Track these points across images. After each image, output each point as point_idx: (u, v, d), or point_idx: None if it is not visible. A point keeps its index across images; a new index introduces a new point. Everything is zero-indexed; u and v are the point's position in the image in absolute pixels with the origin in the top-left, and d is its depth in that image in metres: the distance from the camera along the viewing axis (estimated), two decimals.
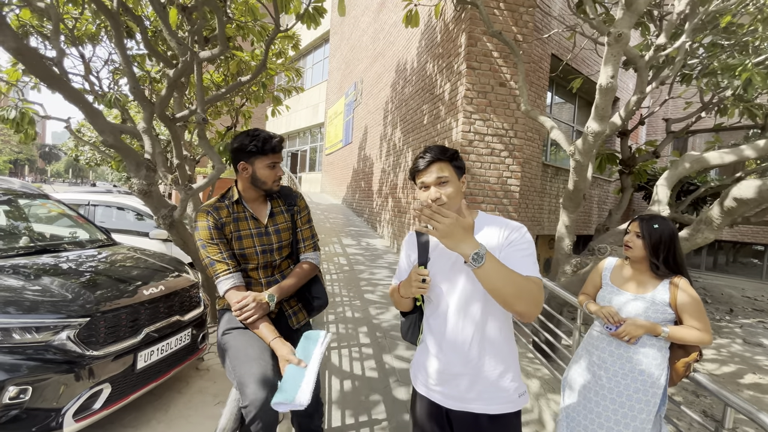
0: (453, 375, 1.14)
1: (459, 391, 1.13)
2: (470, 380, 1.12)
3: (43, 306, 2.05)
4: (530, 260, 1.08)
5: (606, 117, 2.78)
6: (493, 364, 1.12)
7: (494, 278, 0.97)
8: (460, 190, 1.15)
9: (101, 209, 5.05)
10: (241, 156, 1.48)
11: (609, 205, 9.58)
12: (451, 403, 1.14)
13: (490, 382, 1.12)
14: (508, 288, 0.98)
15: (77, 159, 16.86)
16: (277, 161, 1.49)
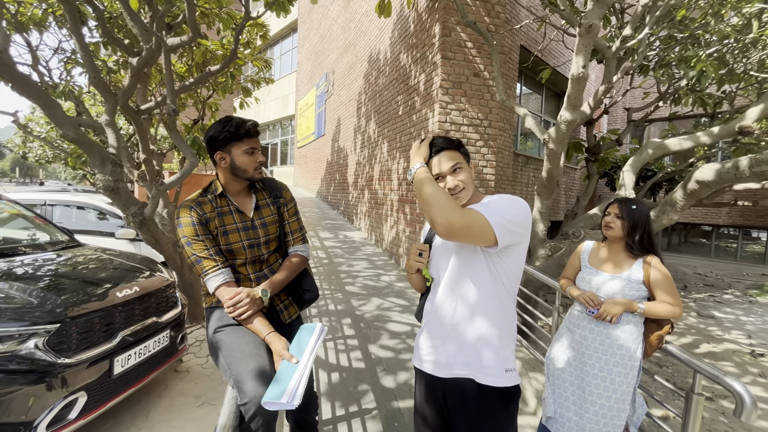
0: (441, 341, 1.20)
1: (447, 356, 1.18)
2: (457, 346, 1.17)
3: (5, 314, 1.90)
4: (499, 215, 1.06)
5: (578, 106, 2.89)
6: (476, 332, 1.15)
7: (426, 189, 1.07)
8: (471, 174, 1.20)
9: (59, 209, 4.72)
10: (216, 146, 1.42)
11: (575, 191, 10.02)
12: (440, 370, 1.19)
13: (474, 350, 1.15)
14: (431, 197, 1.05)
15: (25, 156, 15.60)
16: (254, 146, 1.43)
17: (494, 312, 1.16)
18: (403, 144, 5.50)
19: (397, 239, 5.59)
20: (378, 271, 5.26)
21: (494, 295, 1.15)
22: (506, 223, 1.05)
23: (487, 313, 1.16)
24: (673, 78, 5.36)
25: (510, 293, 1.19)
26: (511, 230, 1.07)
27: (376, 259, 5.84)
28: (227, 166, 1.42)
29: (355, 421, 2.30)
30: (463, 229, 1.02)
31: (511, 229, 1.06)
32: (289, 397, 1.07)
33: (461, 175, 1.17)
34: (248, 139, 1.40)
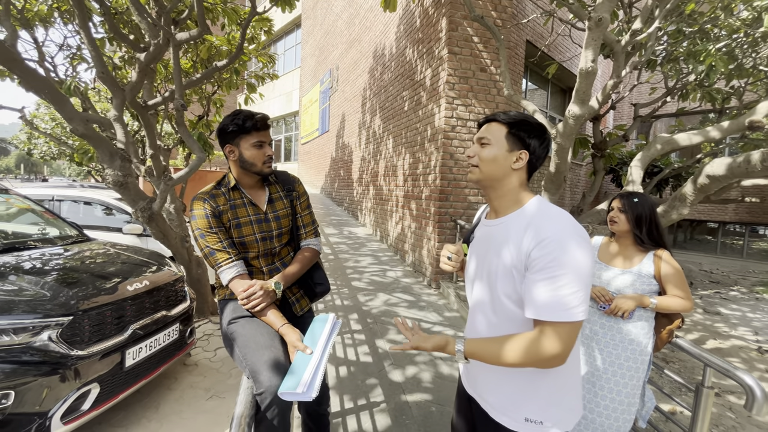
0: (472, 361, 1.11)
1: (471, 373, 1.10)
2: (477, 369, 1.07)
3: (19, 306, 1.92)
4: (545, 290, 0.86)
5: (587, 101, 2.87)
6: (501, 370, 1.00)
7: (497, 361, 0.93)
8: (503, 161, 0.99)
9: (67, 204, 4.75)
10: (225, 139, 1.42)
11: (581, 188, 9.97)
12: (467, 384, 1.13)
13: (493, 384, 1.03)
14: (500, 363, 0.92)
15: (30, 153, 15.70)
16: (263, 140, 1.42)
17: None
18: (408, 140, 5.49)
19: (402, 235, 5.59)
20: (384, 267, 5.27)
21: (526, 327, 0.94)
22: (577, 300, 0.85)
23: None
24: (681, 73, 5.30)
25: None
26: (583, 296, 0.86)
27: (381, 255, 5.85)
28: (236, 159, 1.42)
29: (363, 414, 2.32)
30: (542, 361, 0.88)
31: (582, 296, 0.86)
32: (305, 387, 1.08)
33: (484, 151, 1.00)
34: (256, 132, 1.40)
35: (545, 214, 0.93)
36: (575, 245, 0.86)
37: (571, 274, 0.85)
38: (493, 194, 1.03)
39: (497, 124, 1.01)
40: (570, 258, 0.85)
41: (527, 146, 0.99)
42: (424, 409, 2.39)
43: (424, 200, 4.80)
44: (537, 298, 0.88)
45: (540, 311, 0.87)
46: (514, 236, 0.94)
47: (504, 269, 0.95)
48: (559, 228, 0.88)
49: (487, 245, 1.04)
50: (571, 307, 0.85)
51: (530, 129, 0.99)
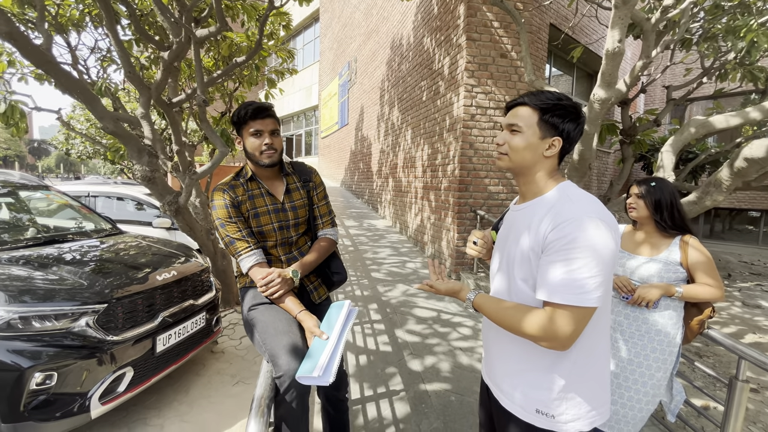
0: (488, 348, 1.10)
1: (491, 366, 1.08)
2: (492, 356, 1.07)
3: (60, 294, 2.05)
4: (559, 271, 0.83)
5: (613, 84, 2.75)
6: (514, 359, 0.99)
7: (494, 320, 0.97)
8: (534, 148, 0.94)
9: (101, 200, 5.01)
10: (236, 130, 1.46)
11: (608, 176, 9.60)
12: (485, 373, 1.13)
13: (509, 373, 1.00)
14: (503, 323, 0.94)
15: (68, 153, 16.58)
16: (260, 128, 1.40)
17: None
18: (427, 130, 5.43)
19: (422, 227, 5.57)
20: (403, 258, 5.28)
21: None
22: (592, 285, 0.82)
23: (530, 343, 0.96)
24: (719, 51, 4.96)
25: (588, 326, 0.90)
26: (601, 282, 0.83)
27: (400, 247, 5.86)
28: (243, 150, 1.46)
29: (383, 402, 2.35)
30: (543, 338, 0.86)
31: (600, 282, 0.83)
32: (321, 370, 1.11)
33: (515, 138, 0.95)
34: (253, 121, 1.40)
35: (568, 197, 0.90)
36: (595, 227, 0.82)
37: (588, 257, 0.81)
38: (522, 180, 1.00)
39: (528, 108, 0.95)
40: (589, 240, 0.81)
41: (561, 132, 0.94)
42: (444, 398, 2.40)
43: (443, 191, 4.76)
44: (550, 279, 0.85)
45: (552, 293, 0.84)
46: (535, 220, 0.91)
47: (521, 254, 0.94)
48: (580, 209, 0.85)
49: (509, 230, 1.03)
50: (585, 291, 0.82)
51: (564, 113, 0.93)
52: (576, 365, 0.92)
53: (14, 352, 1.81)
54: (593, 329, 0.92)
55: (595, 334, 0.93)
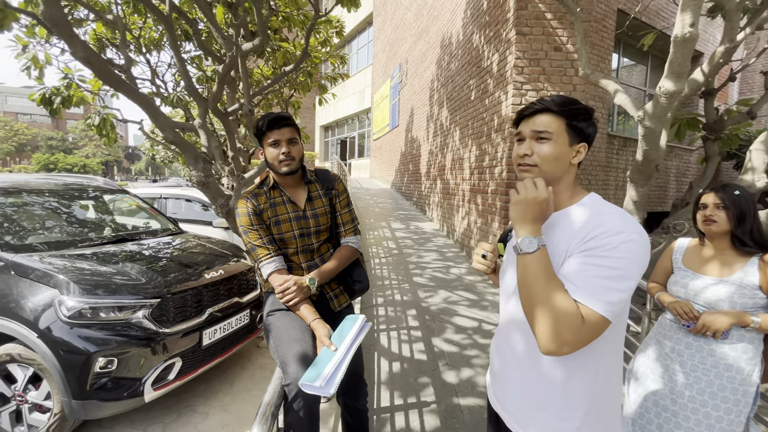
0: (500, 374, 0.99)
1: (502, 392, 0.98)
2: (512, 390, 0.95)
3: (124, 288, 2.30)
4: (599, 281, 0.76)
5: (683, 74, 2.40)
6: (535, 387, 0.89)
7: (523, 277, 0.81)
8: (564, 157, 0.87)
9: (172, 201, 5.56)
10: (258, 142, 1.50)
11: (690, 177, 8.49)
12: (494, 401, 1.02)
13: (526, 405, 0.91)
14: (527, 296, 0.80)
15: (154, 158, 18.74)
16: (277, 138, 1.43)
17: (573, 366, 0.85)
18: (475, 130, 5.23)
19: (468, 231, 5.38)
20: (447, 263, 5.14)
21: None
22: (618, 299, 0.76)
23: (562, 368, 0.85)
24: None
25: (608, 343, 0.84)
26: (624, 300, 0.77)
27: (446, 251, 5.72)
28: (265, 161, 1.50)
29: (412, 413, 2.29)
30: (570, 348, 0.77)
31: (624, 299, 0.77)
32: (323, 381, 1.10)
33: (543, 147, 0.86)
34: (270, 131, 1.43)
35: (608, 210, 0.84)
36: (640, 247, 0.77)
37: (623, 271, 0.76)
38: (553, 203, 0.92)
39: (551, 115, 0.87)
40: (630, 256, 0.76)
41: (586, 137, 0.88)
42: (477, 415, 2.28)
43: (490, 194, 4.55)
44: (577, 275, 0.78)
45: (576, 289, 0.77)
46: (567, 230, 0.85)
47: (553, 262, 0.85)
48: (624, 224, 0.78)
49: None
50: (606, 300, 0.75)
51: (588, 117, 0.88)
52: (595, 394, 0.86)
53: (84, 338, 2.06)
54: (611, 353, 0.87)
55: (612, 358, 0.88)
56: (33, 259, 2.35)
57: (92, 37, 5.09)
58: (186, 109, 6.03)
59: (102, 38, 5.15)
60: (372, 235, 6.57)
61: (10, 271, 2.27)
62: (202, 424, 2.41)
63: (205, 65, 6.41)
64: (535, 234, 0.82)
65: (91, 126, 5.08)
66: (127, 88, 2.58)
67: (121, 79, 2.56)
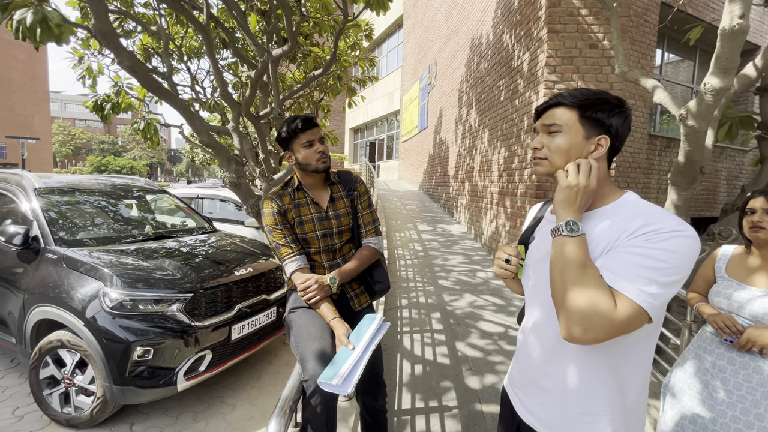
0: (527, 377, 0.96)
1: (536, 403, 0.93)
2: (550, 401, 0.90)
3: (161, 283, 2.44)
4: (641, 272, 0.71)
5: (731, 69, 2.23)
6: (572, 398, 0.85)
7: (558, 259, 0.78)
8: (578, 149, 0.84)
9: (207, 201, 5.84)
10: (283, 146, 1.55)
11: (743, 180, 7.86)
12: (521, 409, 0.98)
13: (566, 418, 0.86)
14: (559, 279, 0.76)
15: (193, 160, 19.73)
16: (311, 138, 1.48)
17: (612, 372, 0.81)
18: (504, 132, 5.12)
19: (496, 234, 5.26)
20: (474, 267, 5.05)
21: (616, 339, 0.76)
22: (660, 293, 0.71)
23: (599, 374, 0.81)
24: None
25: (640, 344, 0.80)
26: (670, 297, 0.73)
27: (473, 254, 5.62)
28: (295, 163, 1.54)
29: (433, 417, 2.27)
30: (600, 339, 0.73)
31: (667, 294, 0.72)
32: (340, 380, 1.12)
33: (555, 140, 0.85)
34: (302, 133, 1.48)
35: (656, 210, 0.78)
36: (692, 248, 0.72)
37: (671, 268, 0.71)
38: (597, 200, 0.88)
39: (564, 108, 0.86)
40: (680, 255, 0.71)
41: (607, 129, 0.84)
42: None
43: (519, 197, 4.42)
44: (617, 262, 0.74)
45: (614, 277, 0.73)
46: (607, 228, 0.80)
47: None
48: (677, 223, 0.73)
49: (548, 244, 0.90)
50: (646, 291, 0.70)
51: (608, 107, 0.83)
52: (633, 400, 0.83)
53: (124, 328, 2.21)
54: (644, 361, 0.83)
55: (645, 367, 0.83)
56: (82, 254, 2.54)
57: (139, 47, 5.45)
58: (222, 113, 6.31)
59: (148, 48, 5.51)
60: (398, 237, 6.57)
61: (62, 263, 2.47)
62: (230, 415, 2.50)
63: (240, 71, 6.69)
64: (578, 219, 0.80)
65: (137, 130, 5.44)
66: (166, 94, 2.74)
67: (162, 86, 2.73)
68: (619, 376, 0.81)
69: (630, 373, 0.82)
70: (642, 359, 0.82)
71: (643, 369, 0.83)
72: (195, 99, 5.98)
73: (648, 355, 0.83)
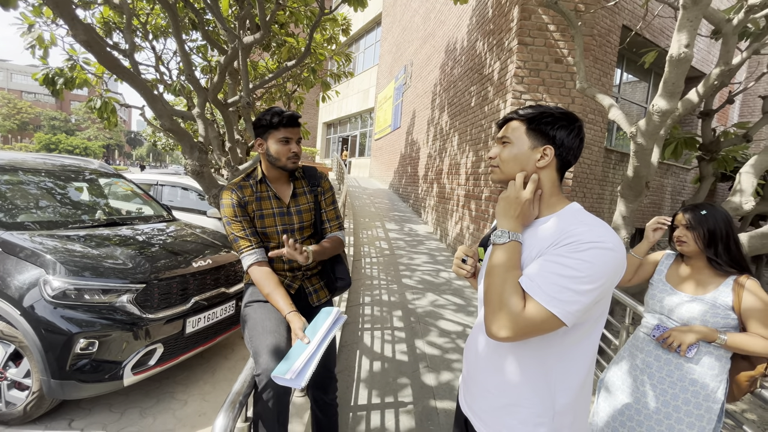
0: (469, 375, 1.01)
1: (470, 396, 1.00)
2: (480, 393, 0.96)
3: (110, 272, 2.31)
4: (556, 279, 0.77)
5: (676, 93, 2.43)
6: (500, 391, 0.91)
7: (489, 265, 0.86)
8: (524, 158, 0.91)
9: (168, 189, 5.57)
10: (257, 132, 1.52)
11: (685, 196, 8.55)
12: (463, 404, 1.04)
13: (494, 408, 0.93)
14: (486, 283, 0.84)
15: (155, 144, 18.71)
16: (289, 136, 1.47)
17: (537, 367, 0.87)
18: (473, 137, 5.26)
19: (461, 236, 5.41)
20: (438, 267, 5.17)
21: (546, 342, 0.84)
22: (572, 299, 0.76)
23: (525, 369, 0.87)
24: None
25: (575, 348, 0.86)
26: (586, 304, 0.78)
27: (437, 255, 5.74)
28: (264, 153, 1.51)
29: (389, 412, 2.32)
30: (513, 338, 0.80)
31: (582, 302, 0.77)
32: (294, 374, 1.12)
33: (504, 150, 0.93)
34: (284, 128, 1.46)
35: (586, 220, 0.84)
36: (612, 260, 0.77)
37: (586, 276, 0.76)
38: (542, 208, 0.94)
39: (516, 121, 0.95)
40: (597, 266, 0.76)
41: (552, 140, 0.90)
42: (453, 418, 2.30)
43: (484, 201, 4.58)
44: (535, 269, 0.81)
45: (530, 283, 0.80)
46: (540, 239, 0.86)
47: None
48: (600, 236, 0.78)
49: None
50: (561, 299, 0.76)
51: (552, 120, 0.90)
52: (564, 402, 0.87)
53: (66, 319, 2.08)
54: (581, 361, 0.87)
55: (583, 367, 0.87)
56: (23, 238, 2.36)
57: (99, 20, 5.10)
58: (188, 97, 6.03)
59: (109, 22, 5.16)
60: (365, 235, 6.59)
61: None
62: (180, 411, 2.42)
63: (210, 55, 6.42)
64: (512, 229, 0.87)
65: (92, 108, 5.08)
66: (126, 73, 2.60)
67: (121, 64, 2.58)
68: (548, 376, 0.86)
69: (561, 375, 0.86)
70: (577, 364, 0.86)
71: (579, 374, 0.87)
72: (159, 80, 5.68)
73: (584, 360, 0.87)
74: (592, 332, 0.87)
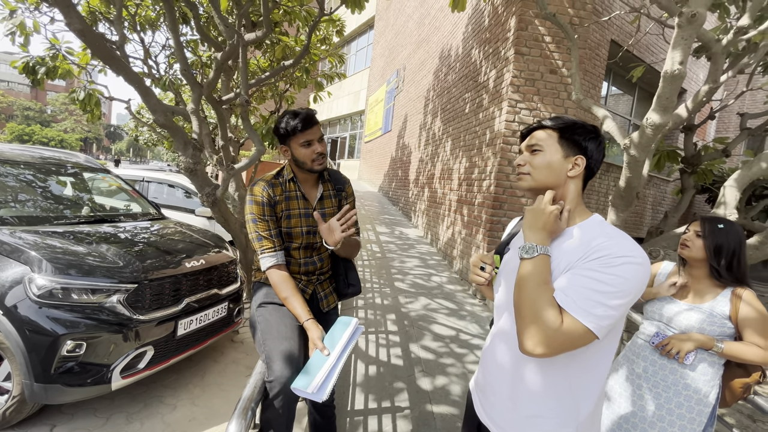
0: (488, 384, 1.00)
1: (490, 405, 0.99)
2: (501, 403, 0.95)
3: (99, 271, 2.22)
4: (590, 294, 0.77)
5: (669, 108, 2.52)
6: (523, 401, 0.91)
7: (519, 279, 0.85)
8: (557, 167, 0.91)
9: (154, 185, 5.41)
10: (280, 140, 1.49)
11: (665, 206, 8.86)
12: (480, 411, 1.03)
13: (516, 420, 0.92)
14: (518, 297, 0.84)
15: (137, 139, 18.14)
16: (310, 138, 1.43)
17: (561, 379, 0.87)
18: (466, 143, 5.32)
19: (452, 240, 5.45)
20: (429, 271, 5.19)
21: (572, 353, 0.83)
22: (606, 314, 0.77)
23: (550, 381, 0.87)
24: None
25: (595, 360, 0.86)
26: (617, 318, 0.79)
27: (429, 259, 5.76)
28: (290, 158, 1.48)
29: (386, 417, 2.30)
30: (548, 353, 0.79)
31: (614, 316, 0.78)
32: (315, 388, 1.09)
33: (536, 158, 0.92)
34: (302, 132, 1.42)
35: (611, 234, 0.84)
36: (642, 274, 0.79)
37: (618, 292, 0.77)
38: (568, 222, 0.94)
39: (546, 130, 0.94)
40: (629, 281, 0.78)
41: (584, 150, 0.92)
42: (449, 422, 2.30)
43: (477, 206, 4.62)
44: (566, 283, 0.81)
45: (564, 297, 0.80)
46: (567, 252, 0.86)
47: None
48: (631, 250, 0.79)
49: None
50: (592, 313, 0.77)
51: (584, 131, 0.92)
52: (586, 411, 0.88)
53: (52, 319, 1.98)
54: (602, 371, 0.88)
55: (603, 376, 0.89)
56: (2, 233, 2.24)
57: (85, 9, 4.92)
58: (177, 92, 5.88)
59: (95, 12, 4.98)
60: None
61: None
62: (169, 416, 2.34)
63: (200, 50, 6.28)
64: (540, 242, 0.86)
65: (75, 100, 4.89)
66: (121, 66, 2.51)
67: (116, 56, 2.49)
68: (572, 386, 0.87)
69: (584, 387, 0.87)
70: (598, 372, 0.87)
71: (599, 381, 0.88)
72: (147, 74, 5.52)
73: (604, 368, 0.88)
74: (612, 341, 0.88)
